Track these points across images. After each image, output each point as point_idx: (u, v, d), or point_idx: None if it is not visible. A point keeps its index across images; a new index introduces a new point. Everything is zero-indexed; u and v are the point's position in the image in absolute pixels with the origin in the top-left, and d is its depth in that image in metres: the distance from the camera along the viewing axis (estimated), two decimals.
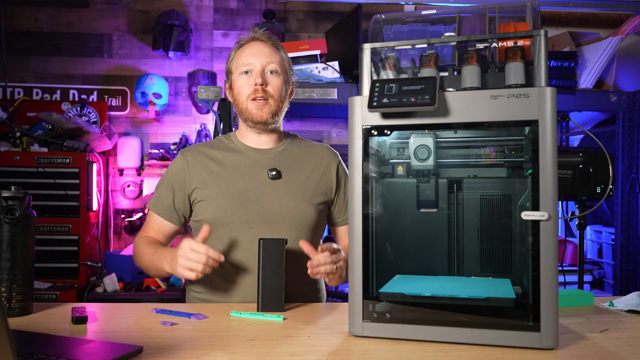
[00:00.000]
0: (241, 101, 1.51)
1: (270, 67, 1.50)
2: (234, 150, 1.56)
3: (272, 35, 1.56)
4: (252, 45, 1.52)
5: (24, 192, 1.21)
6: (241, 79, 1.51)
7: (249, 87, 1.49)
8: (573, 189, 2.28)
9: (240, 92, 1.51)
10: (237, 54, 1.54)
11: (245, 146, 1.56)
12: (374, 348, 1.00)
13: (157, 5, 3.71)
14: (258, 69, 1.49)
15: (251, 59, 1.49)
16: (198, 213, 1.50)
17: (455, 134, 1.13)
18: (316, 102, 2.72)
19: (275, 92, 1.50)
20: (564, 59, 2.82)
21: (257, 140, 1.56)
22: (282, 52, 1.55)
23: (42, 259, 3.05)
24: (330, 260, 1.29)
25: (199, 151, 1.54)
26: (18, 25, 3.63)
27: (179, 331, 1.10)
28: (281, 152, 1.56)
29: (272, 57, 1.50)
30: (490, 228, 1.12)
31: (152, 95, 3.50)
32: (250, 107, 1.49)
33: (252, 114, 1.49)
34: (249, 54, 1.50)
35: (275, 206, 1.47)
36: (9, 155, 3.10)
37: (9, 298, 1.18)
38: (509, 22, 1.37)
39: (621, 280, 2.97)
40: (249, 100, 1.49)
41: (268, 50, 1.51)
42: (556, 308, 0.97)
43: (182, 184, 1.50)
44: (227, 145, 1.57)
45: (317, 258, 1.29)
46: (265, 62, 1.49)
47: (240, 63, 1.51)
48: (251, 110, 1.49)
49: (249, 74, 1.50)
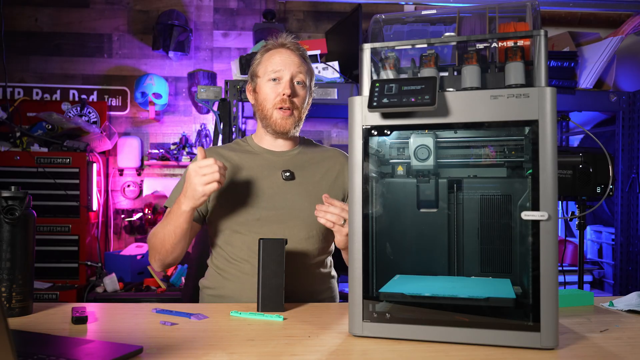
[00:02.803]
0: (267, 108, 1.52)
1: (298, 78, 1.51)
2: (250, 152, 1.59)
3: (300, 45, 1.57)
4: (282, 53, 1.53)
5: (24, 192, 1.21)
6: (269, 85, 1.51)
7: (276, 95, 1.50)
8: (573, 189, 2.28)
9: (266, 99, 1.52)
10: (264, 58, 1.54)
11: (261, 148, 1.59)
12: (374, 348, 1.00)
13: (157, 5, 3.71)
14: (287, 78, 1.50)
15: (281, 67, 1.50)
16: (213, 211, 1.52)
17: (455, 134, 1.13)
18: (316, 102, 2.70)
19: (301, 103, 1.53)
20: (564, 59, 2.82)
21: (273, 143, 1.59)
22: (308, 62, 1.57)
23: (42, 259, 3.05)
24: (338, 212, 1.29)
25: (216, 152, 1.57)
26: (18, 25, 3.63)
27: (179, 331, 1.10)
28: (296, 155, 1.59)
29: (300, 68, 1.52)
30: (490, 228, 1.12)
31: (152, 95, 3.50)
32: (276, 116, 1.50)
33: (276, 123, 1.51)
34: (279, 61, 1.51)
35: (288, 206, 1.49)
36: (9, 155, 3.10)
37: (9, 298, 1.18)
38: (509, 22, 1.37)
39: (621, 280, 2.97)
40: (274, 108, 1.50)
41: (297, 60, 1.52)
42: (556, 308, 0.97)
43: None
44: (243, 148, 1.61)
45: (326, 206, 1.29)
46: (294, 72, 1.51)
47: (269, 69, 1.51)
48: (276, 119, 1.51)
49: (276, 82, 1.51)
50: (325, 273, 1.57)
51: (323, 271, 1.56)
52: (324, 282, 1.56)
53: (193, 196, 1.31)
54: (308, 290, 1.45)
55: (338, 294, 1.62)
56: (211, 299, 1.52)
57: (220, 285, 1.51)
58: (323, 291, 1.55)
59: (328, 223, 1.29)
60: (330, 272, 1.60)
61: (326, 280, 1.57)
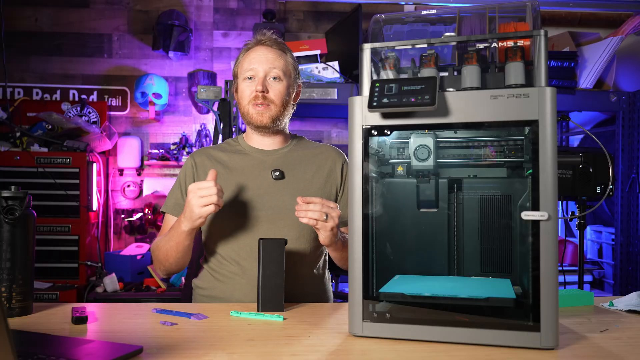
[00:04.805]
0: (243, 105, 1.54)
1: (272, 74, 1.52)
2: (240, 152, 1.59)
3: (279, 39, 1.57)
4: (257, 50, 1.54)
5: (24, 192, 1.21)
6: (244, 84, 1.54)
7: (250, 92, 1.52)
8: (573, 189, 2.28)
9: (242, 97, 1.54)
10: (242, 58, 1.56)
11: (251, 148, 1.59)
12: (374, 348, 1.00)
13: (157, 5, 3.71)
14: (260, 75, 1.51)
15: (254, 65, 1.52)
16: None
17: (455, 134, 1.13)
18: (316, 102, 2.72)
19: (277, 97, 1.52)
20: (564, 59, 2.82)
21: (262, 142, 1.59)
22: (288, 55, 1.57)
23: (42, 259, 3.05)
24: (319, 208, 1.27)
25: (206, 154, 1.58)
26: (18, 25, 3.63)
27: (179, 331, 1.10)
28: (286, 154, 1.58)
29: (275, 63, 1.52)
30: (490, 228, 1.12)
31: (152, 95, 3.50)
32: (252, 112, 1.52)
33: (252, 118, 1.52)
34: (253, 59, 1.52)
35: (278, 206, 1.49)
36: (9, 155, 3.10)
37: (9, 298, 1.18)
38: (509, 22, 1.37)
39: (621, 280, 2.97)
40: (250, 104, 1.52)
41: (272, 55, 1.53)
42: (556, 308, 0.97)
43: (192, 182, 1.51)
44: (233, 148, 1.61)
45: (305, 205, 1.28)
46: (267, 68, 1.51)
47: (244, 68, 1.54)
48: (252, 114, 1.52)
49: (252, 80, 1.52)
50: (318, 274, 1.56)
51: (315, 272, 1.55)
52: (317, 283, 1.55)
53: (190, 217, 1.31)
54: (300, 291, 1.43)
55: (332, 295, 1.61)
56: (203, 299, 1.51)
57: (211, 286, 1.50)
58: (316, 293, 1.54)
59: (311, 221, 1.28)
60: (323, 273, 1.59)
61: (319, 281, 1.56)
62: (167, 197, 1.57)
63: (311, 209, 1.27)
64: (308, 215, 1.27)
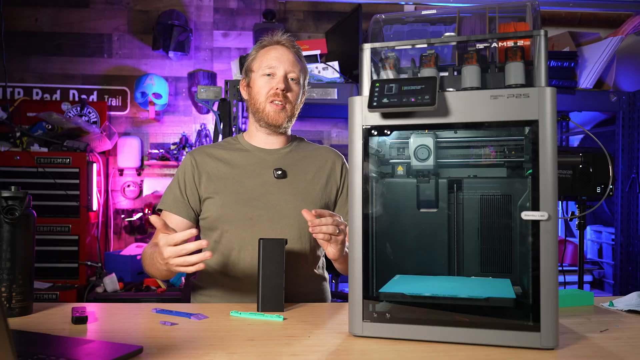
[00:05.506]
0: (260, 101, 1.53)
1: (292, 75, 1.53)
2: (241, 150, 1.59)
3: (295, 43, 1.59)
4: (277, 49, 1.54)
5: (24, 192, 1.21)
6: (262, 79, 1.53)
7: (269, 88, 1.51)
8: (573, 189, 2.28)
9: (259, 92, 1.53)
10: (260, 54, 1.56)
11: (252, 146, 1.59)
12: (374, 348, 1.00)
13: (157, 5, 3.71)
14: (281, 74, 1.51)
15: (275, 63, 1.52)
16: (205, 210, 1.52)
17: (455, 134, 1.13)
18: (316, 102, 2.72)
19: (294, 99, 1.54)
20: (564, 59, 2.82)
21: (265, 141, 1.58)
22: (302, 61, 1.59)
23: (42, 259, 3.05)
24: (332, 222, 1.26)
25: (206, 152, 1.57)
26: (18, 25, 3.63)
27: (179, 331, 1.10)
28: (288, 153, 1.58)
29: (294, 66, 1.53)
30: (490, 228, 1.12)
31: (152, 95, 3.50)
32: (269, 109, 1.51)
33: (269, 116, 1.52)
34: (274, 57, 1.52)
35: (279, 204, 1.48)
36: (9, 155, 3.10)
37: (9, 298, 1.18)
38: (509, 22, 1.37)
39: (621, 280, 2.97)
40: (267, 101, 1.51)
41: (292, 57, 1.54)
42: (556, 308, 0.97)
43: (192, 179, 1.53)
44: (234, 146, 1.60)
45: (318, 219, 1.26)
46: (289, 68, 1.52)
47: (264, 64, 1.53)
48: (269, 111, 1.51)
49: (271, 77, 1.52)
50: (317, 275, 1.56)
51: (315, 272, 1.55)
52: (316, 283, 1.55)
53: (172, 270, 1.23)
54: (299, 291, 1.43)
55: (330, 295, 1.61)
56: (202, 299, 1.51)
57: (211, 286, 1.50)
58: (314, 293, 1.54)
59: (326, 236, 1.26)
60: (322, 274, 1.59)
61: (318, 281, 1.56)
62: (164, 194, 1.56)
63: (324, 223, 1.25)
64: (323, 229, 1.25)
